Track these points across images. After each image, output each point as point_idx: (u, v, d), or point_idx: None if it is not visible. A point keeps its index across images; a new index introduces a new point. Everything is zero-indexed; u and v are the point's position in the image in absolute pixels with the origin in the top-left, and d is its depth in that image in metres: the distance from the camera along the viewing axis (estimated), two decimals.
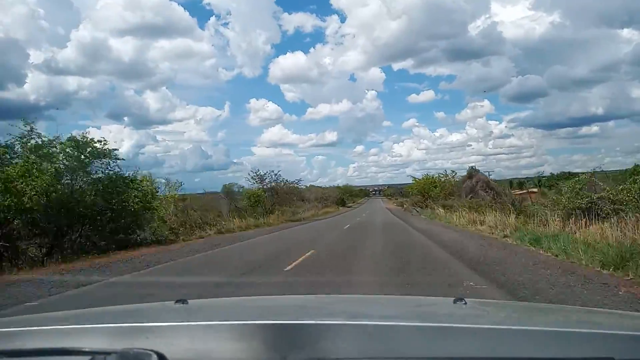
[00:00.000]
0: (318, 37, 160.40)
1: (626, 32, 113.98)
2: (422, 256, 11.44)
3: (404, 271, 9.14)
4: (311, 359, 0.99)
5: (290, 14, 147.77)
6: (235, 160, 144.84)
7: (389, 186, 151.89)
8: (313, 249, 13.06)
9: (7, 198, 12.08)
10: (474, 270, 8.91)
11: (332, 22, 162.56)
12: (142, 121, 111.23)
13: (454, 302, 1.59)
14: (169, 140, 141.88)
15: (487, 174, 36.94)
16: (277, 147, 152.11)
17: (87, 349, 1.00)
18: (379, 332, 1.11)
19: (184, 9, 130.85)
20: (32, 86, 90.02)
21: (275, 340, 1.04)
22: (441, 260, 10.64)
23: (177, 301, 1.64)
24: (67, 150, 14.55)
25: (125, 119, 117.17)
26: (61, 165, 14.40)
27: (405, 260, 10.58)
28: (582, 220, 12.86)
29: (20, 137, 13.83)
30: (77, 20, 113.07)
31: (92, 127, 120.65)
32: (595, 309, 4.04)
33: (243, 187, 37.60)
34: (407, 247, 13.91)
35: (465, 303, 1.58)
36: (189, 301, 1.66)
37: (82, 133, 15.42)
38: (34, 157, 13.35)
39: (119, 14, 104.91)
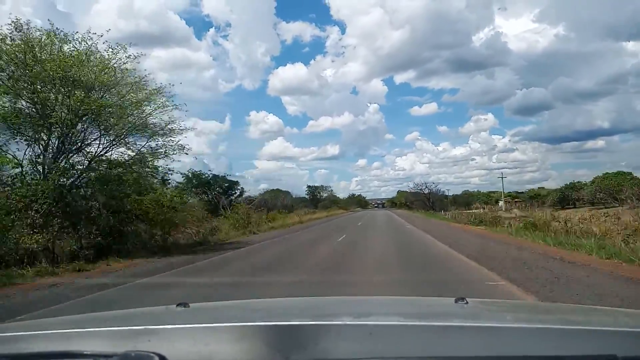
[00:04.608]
0: (318, 48, 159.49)
1: (632, 45, 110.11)
2: None
3: None
4: None
5: (288, 22, 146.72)
6: (237, 174, 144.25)
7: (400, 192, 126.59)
8: None
9: None
10: None
11: (333, 32, 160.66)
12: None
13: (455, 301, 1.59)
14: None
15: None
16: (279, 160, 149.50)
17: (89, 352, 1.02)
18: (380, 332, 1.11)
19: (180, 17, 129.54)
20: None
21: (277, 341, 1.05)
22: None
23: (178, 304, 1.65)
24: None
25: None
26: None
27: None
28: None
29: None
30: (73, 30, 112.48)
31: None
32: (597, 307, 4.03)
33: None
34: None
35: (467, 302, 1.58)
36: (191, 304, 1.68)
37: None
38: None
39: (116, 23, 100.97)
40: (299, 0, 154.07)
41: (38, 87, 13.11)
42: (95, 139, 14.69)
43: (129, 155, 15.54)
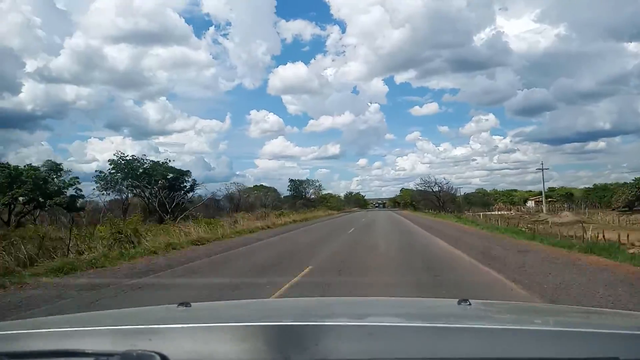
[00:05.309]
0: (318, 47, 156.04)
1: (633, 46, 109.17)
2: None
3: None
4: None
5: (288, 21, 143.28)
6: (238, 173, 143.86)
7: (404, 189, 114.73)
8: None
9: None
10: None
11: (333, 31, 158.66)
12: (141, 132, 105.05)
13: (458, 303, 1.59)
14: (170, 152, 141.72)
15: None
16: (279, 159, 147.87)
17: (90, 351, 1.03)
18: (381, 332, 1.11)
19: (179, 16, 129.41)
20: (28, 95, 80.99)
21: (278, 342, 1.06)
22: None
23: (179, 304, 1.66)
24: None
25: (125, 130, 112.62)
26: None
27: None
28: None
29: None
30: (72, 28, 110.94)
31: (94, 138, 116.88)
32: (599, 309, 3.98)
33: None
34: None
35: (470, 304, 1.57)
36: (192, 304, 1.68)
37: None
38: None
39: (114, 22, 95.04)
40: None
41: None
42: None
43: None
